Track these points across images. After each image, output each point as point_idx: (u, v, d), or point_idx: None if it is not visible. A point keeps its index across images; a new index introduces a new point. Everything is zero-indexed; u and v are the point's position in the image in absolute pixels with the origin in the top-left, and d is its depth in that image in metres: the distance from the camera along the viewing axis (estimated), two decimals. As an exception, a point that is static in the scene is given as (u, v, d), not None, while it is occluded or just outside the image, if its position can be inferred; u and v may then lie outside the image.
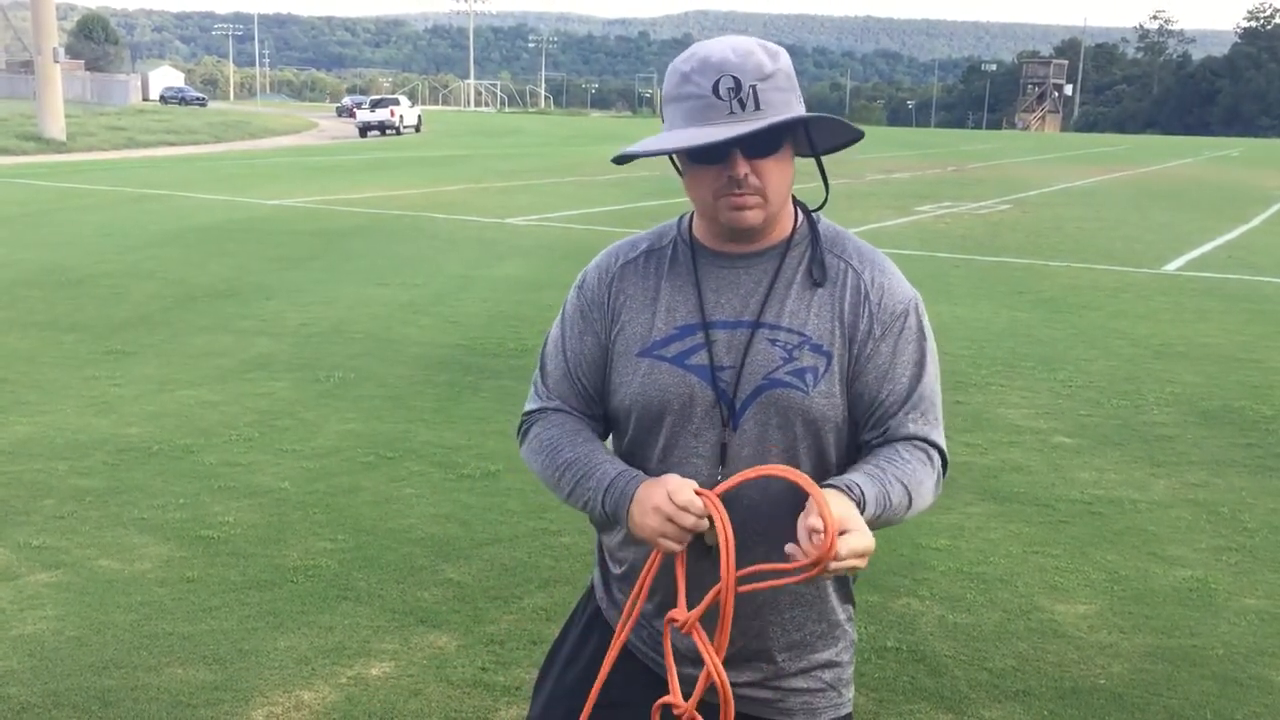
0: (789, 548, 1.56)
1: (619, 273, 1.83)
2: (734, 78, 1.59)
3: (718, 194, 1.67)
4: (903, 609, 4.19)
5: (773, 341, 1.71)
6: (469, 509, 5.10)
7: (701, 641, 1.64)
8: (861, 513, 1.59)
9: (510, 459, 5.54)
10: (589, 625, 1.94)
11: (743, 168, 1.64)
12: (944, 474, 1.77)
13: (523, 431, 1.88)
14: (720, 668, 1.62)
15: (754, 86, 1.59)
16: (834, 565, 1.52)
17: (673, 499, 1.61)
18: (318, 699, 3.45)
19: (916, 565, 4.60)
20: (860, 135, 1.73)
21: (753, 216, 1.68)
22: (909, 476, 1.69)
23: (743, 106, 1.60)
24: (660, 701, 1.72)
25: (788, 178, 1.71)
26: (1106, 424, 6.81)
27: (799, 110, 1.65)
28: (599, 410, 1.85)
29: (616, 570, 1.87)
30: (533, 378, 1.91)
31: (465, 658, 3.72)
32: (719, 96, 1.60)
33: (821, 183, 1.81)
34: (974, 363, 8.28)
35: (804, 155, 1.76)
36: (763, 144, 1.63)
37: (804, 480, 1.57)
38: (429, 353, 8.23)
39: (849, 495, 1.60)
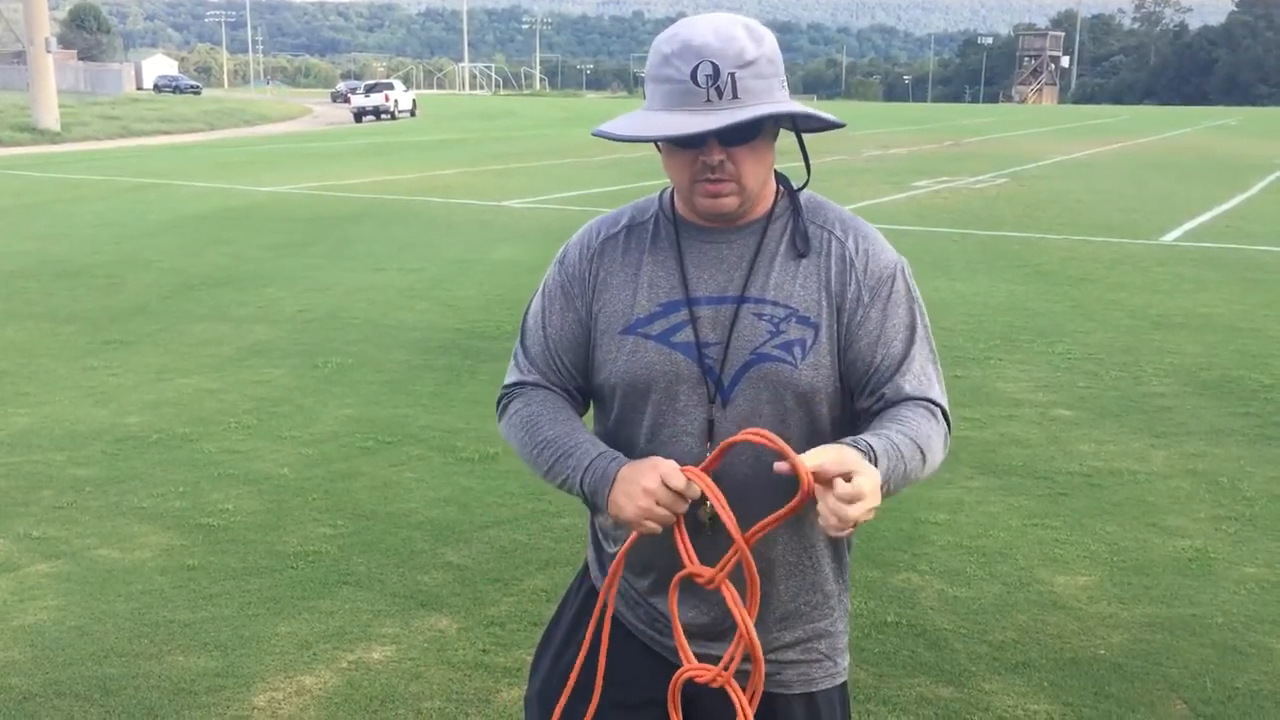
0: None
1: (600, 248, 1.83)
2: (713, 64, 1.57)
3: (693, 178, 1.67)
4: (902, 583, 4.20)
5: (759, 316, 1.70)
6: (468, 492, 5.10)
7: (732, 597, 1.58)
8: (873, 464, 1.53)
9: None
10: (584, 606, 1.93)
11: (718, 155, 1.63)
12: (949, 431, 1.74)
13: (502, 406, 1.87)
14: (751, 625, 1.57)
15: (733, 74, 1.58)
16: (836, 507, 1.45)
17: (667, 483, 1.58)
18: (319, 683, 3.46)
19: (916, 539, 4.60)
20: (841, 124, 1.72)
21: (727, 203, 1.68)
22: (917, 432, 1.65)
23: (720, 95, 1.58)
24: (682, 673, 1.68)
25: (766, 163, 1.70)
26: (1105, 395, 6.81)
27: (780, 96, 1.63)
28: (579, 385, 1.84)
29: (611, 549, 1.86)
30: (513, 349, 1.90)
31: (466, 640, 3.73)
32: (697, 84, 1.58)
33: (804, 163, 1.81)
34: (972, 337, 8.28)
35: (788, 129, 1.75)
36: (739, 133, 1.62)
37: (776, 441, 1.51)
38: (427, 337, 8.22)
39: (854, 446, 1.55)
